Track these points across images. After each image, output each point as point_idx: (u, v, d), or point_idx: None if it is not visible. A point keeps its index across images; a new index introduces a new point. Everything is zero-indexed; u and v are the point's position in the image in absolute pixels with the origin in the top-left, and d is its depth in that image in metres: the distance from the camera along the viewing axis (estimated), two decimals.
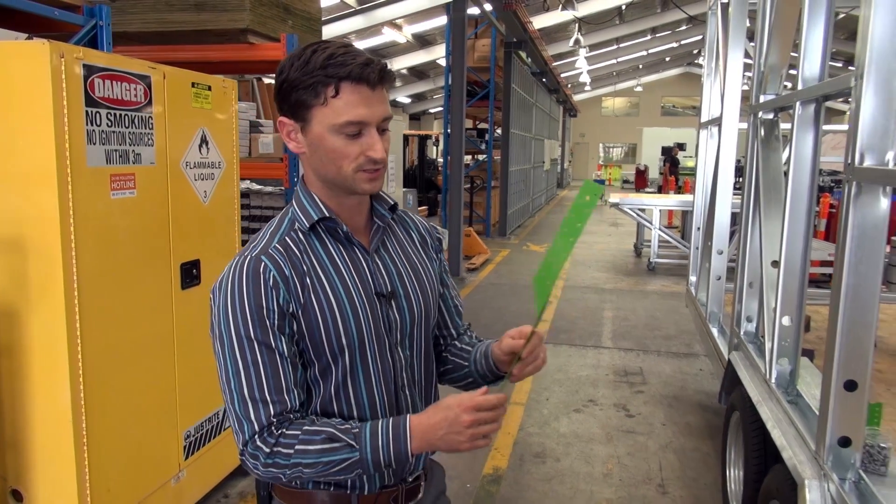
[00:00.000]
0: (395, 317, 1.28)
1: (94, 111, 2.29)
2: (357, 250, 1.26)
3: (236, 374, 1.14)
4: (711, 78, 4.87)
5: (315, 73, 1.12)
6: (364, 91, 1.13)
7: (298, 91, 1.14)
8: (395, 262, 1.31)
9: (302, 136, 1.18)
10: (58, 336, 2.22)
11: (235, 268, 1.17)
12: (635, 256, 10.82)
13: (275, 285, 1.15)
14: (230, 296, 1.15)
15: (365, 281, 1.24)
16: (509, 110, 12.42)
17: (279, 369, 1.15)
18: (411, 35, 16.72)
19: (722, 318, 4.11)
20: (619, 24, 19.57)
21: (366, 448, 1.12)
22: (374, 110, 1.14)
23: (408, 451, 1.13)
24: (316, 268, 1.21)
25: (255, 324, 1.14)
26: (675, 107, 36.26)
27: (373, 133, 1.15)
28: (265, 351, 1.14)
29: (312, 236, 1.23)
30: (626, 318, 6.94)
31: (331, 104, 1.13)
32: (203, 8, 4.72)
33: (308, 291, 1.18)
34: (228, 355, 1.15)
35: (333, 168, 1.17)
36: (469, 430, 1.10)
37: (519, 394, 4.71)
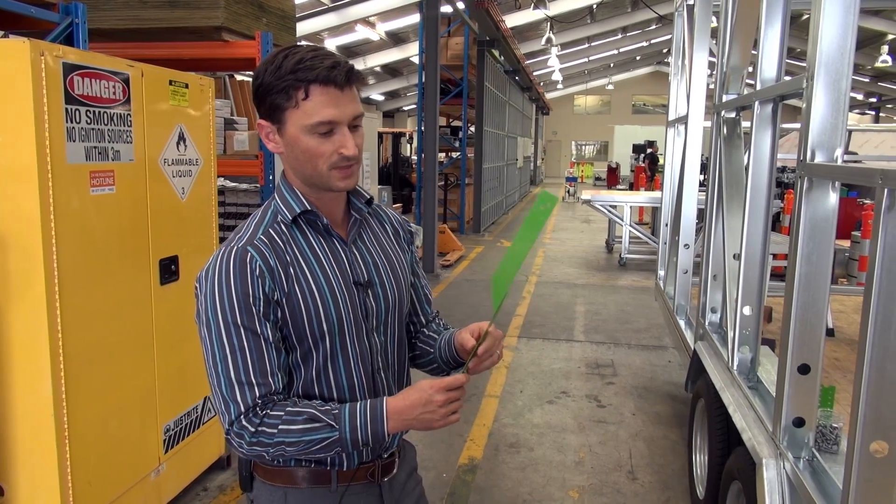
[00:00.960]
0: (372, 304, 1.35)
1: (74, 108, 2.32)
2: (336, 242, 1.33)
3: (223, 359, 1.21)
4: (678, 77, 5.00)
5: (286, 77, 1.18)
6: (333, 92, 1.19)
7: (272, 95, 1.21)
8: (372, 253, 1.38)
9: (279, 137, 1.25)
10: (39, 331, 2.25)
11: (223, 257, 1.23)
12: (607, 252, 11.00)
13: (261, 274, 1.22)
14: (217, 283, 1.21)
15: (344, 270, 1.32)
16: (482, 108, 12.52)
17: (264, 354, 1.22)
18: (384, 33, 16.73)
19: (688, 310, 4.24)
20: (591, 23, 19.83)
21: (345, 428, 1.20)
22: (344, 110, 1.21)
23: (384, 431, 1.21)
24: (298, 258, 1.28)
25: (242, 310, 1.21)
26: (646, 105, 36.75)
27: (344, 131, 1.22)
28: (251, 336, 1.21)
29: (294, 228, 1.30)
30: (597, 312, 7.08)
31: (302, 106, 1.20)
32: (177, 5, 4.73)
33: (291, 280, 1.25)
34: (216, 340, 1.21)
35: (309, 166, 1.24)
36: (442, 409, 1.20)
37: (494, 386, 4.81)
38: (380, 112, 29.19)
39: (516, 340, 5.98)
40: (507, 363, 5.34)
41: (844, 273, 7.11)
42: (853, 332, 3.71)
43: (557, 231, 13.69)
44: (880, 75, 25.19)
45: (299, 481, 1.32)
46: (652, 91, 35.66)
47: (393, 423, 1.21)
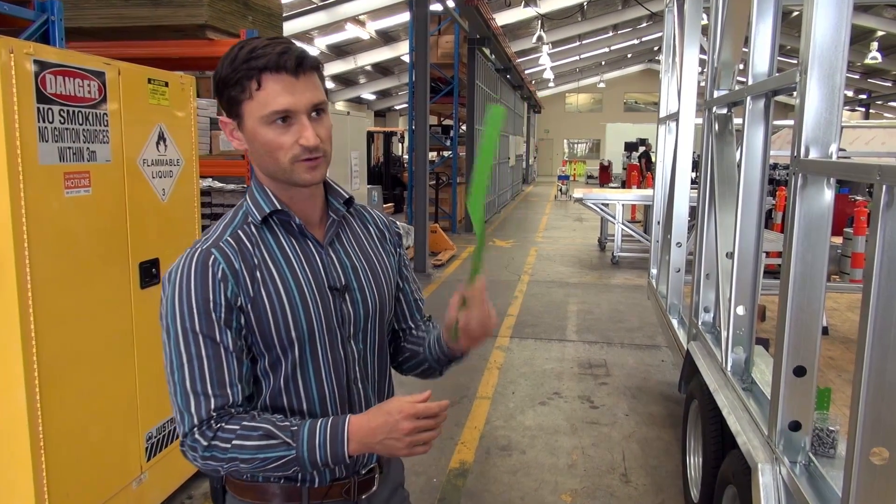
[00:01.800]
0: (349, 310, 1.28)
1: (46, 108, 2.24)
2: (310, 243, 1.26)
3: (180, 367, 1.15)
4: (669, 74, 4.95)
5: (240, 68, 1.13)
6: (286, 79, 1.13)
7: (228, 88, 1.15)
8: (350, 256, 1.31)
9: (241, 133, 1.19)
10: (11, 337, 2.18)
11: (186, 259, 1.17)
12: (599, 251, 10.96)
13: (223, 278, 1.16)
14: (178, 287, 1.15)
15: (317, 274, 1.25)
16: (473, 107, 12.46)
17: (223, 363, 1.16)
18: (375, 31, 16.65)
19: (681, 310, 4.19)
20: (581, 20, 19.81)
21: (302, 447, 1.13)
22: (299, 97, 1.14)
23: (344, 453, 1.14)
24: (267, 261, 1.21)
25: (202, 316, 1.14)
26: (638, 103, 36.77)
27: (302, 120, 1.15)
28: (209, 344, 1.15)
29: (265, 229, 1.23)
30: (590, 311, 7.03)
31: (256, 97, 1.14)
32: (160, 3, 4.65)
33: (258, 284, 1.19)
34: (173, 347, 1.15)
35: (271, 161, 1.18)
36: (407, 438, 1.12)
37: (485, 388, 4.75)
38: (371, 111, 29.10)
39: (508, 341, 5.93)
40: (499, 364, 5.28)
41: (837, 270, 7.09)
42: (847, 329, 3.67)
43: (550, 229, 13.65)
44: (870, 72, 25.28)
45: (270, 497, 1.25)
46: (644, 89, 35.70)
47: (354, 445, 1.14)
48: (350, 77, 23.04)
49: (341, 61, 19.31)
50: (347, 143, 5.21)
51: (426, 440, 1.14)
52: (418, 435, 1.13)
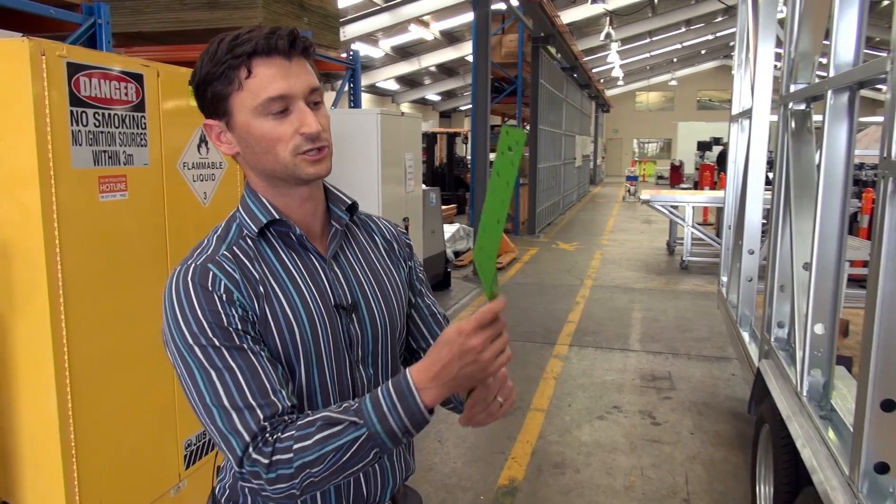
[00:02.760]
0: (356, 331, 1.14)
1: (80, 111, 2.20)
2: (313, 257, 1.12)
3: (210, 386, 0.98)
4: (742, 69, 4.63)
5: (223, 59, 1.01)
6: (279, 62, 1.02)
7: (212, 84, 1.03)
8: (356, 270, 1.17)
9: (230, 135, 1.06)
10: (42, 343, 2.14)
11: (179, 277, 1.04)
12: (668, 255, 10.52)
13: (226, 291, 1.02)
14: (179, 306, 1.02)
15: (323, 291, 1.11)
16: (537, 106, 12.21)
17: (258, 369, 1.00)
18: (439, 32, 16.59)
19: (753, 322, 3.88)
20: (652, 16, 19.19)
21: (371, 419, 0.95)
22: (296, 81, 1.02)
23: (419, 406, 0.96)
24: (268, 277, 1.07)
25: (216, 329, 1.00)
26: (712, 100, 35.47)
27: (301, 107, 1.03)
28: (236, 353, 1.00)
29: (262, 243, 1.10)
30: (655, 319, 6.71)
31: (247, 86, 1.02)
32: (216, 6, 4.68)
33: (263, 301, 1.05)
34: (195, 368, 0.99)
35: (270, 158, 1.05)
36: (485, 354, 0.94)
37: (540, 399, 4.55)
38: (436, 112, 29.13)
39: (567, 349, 5.70)
40: (555, 374, 5.06)
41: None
42: None
43: (616, 232, 13.24)
44: None
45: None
46: (718, 86, 34.39)
47: (431, 392, 0.96)
48: (414, 78, 23.09)
49: (405, 62, 19.35)
50: (402, 144, 5.10)
51: (503, 345, 0.96)
52: (493, 345, 0.95)
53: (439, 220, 7.78)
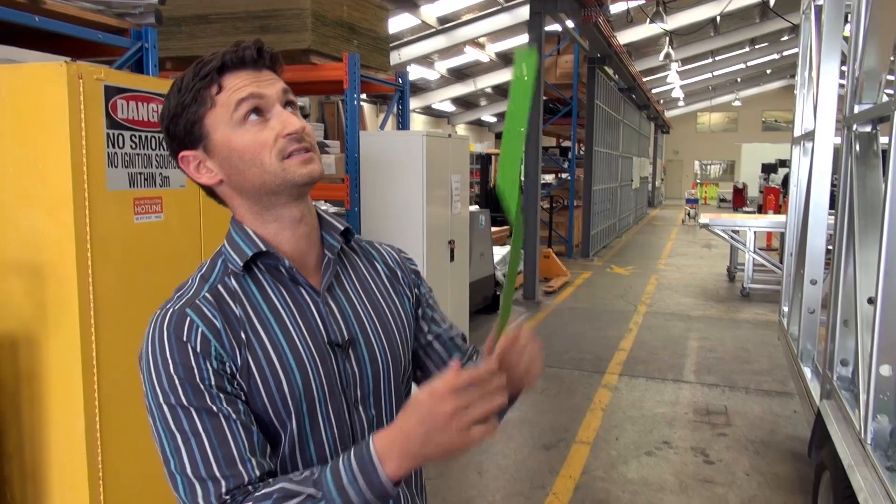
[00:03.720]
0: (354, 370, 1.05)
1: (117, 133, 2.22)
2: (304, 291, 1.04)
3: (175, 452, 0.92)
4: (805, 89, 4.41)
5: (191, 85, 0.98)
6: (248, 74, 0.98)
7: (185, 113, 0.98)
8: (353, 303, 1.08)
9: (211, 162, 1.00)
10: (73, 363, 2.15)
11: (156, 325, 0.97)
12: (728, 281, 10.12)
13: (203, 341, 0.95)
14: (152, 358, 0.95)
15: (313, 329, 1.02)
16: (592, 127, 12.03)
17: (227, 436, 0.93)
18: (494, 54, 16.61)
19: (815, 357, 3.64)
20: (714, 36, 18.76)
21: (330, 492, 0.87)
22: (267, 85, 0.98)
23: (382, 480, 0.87)
24: (251, 317, 0.99)
25: (186, 387, 0.93)
26: (778, 121, 34.36)
27: (279, 110, 0.98)
28: (205, 416, 0.93)
29: (248, 279, 1.02)
30: (712, 349, 6.41)
31: (218, 101, 0.97)
32: (267, 29, 4.75)
33: (245, 349, 0.97)
34: (162, 430, 0.93)
35: (256, 170, 0.98)
36: (456, 422, 0.83)
37: (586, 431, 4.37)
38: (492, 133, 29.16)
39: (617, 378, 5.49)
40: (603, 405, 4.87)
41: None
42: None
43: (673, 256, 12.85)
44: None
45: None
46: (784, 107, 33.27)
47: (393, 463, 0.87)
48: (470, 100, 23.18)
49: (461, 84, 19.44)
50: (449, 165, 5.05)
51: (483, 415, 0.85)
52: (468, 413, 0.84)
53: (489, 243, 7.68)
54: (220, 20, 4.83)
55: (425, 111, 21.86)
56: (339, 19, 4.90)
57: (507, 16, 12.57)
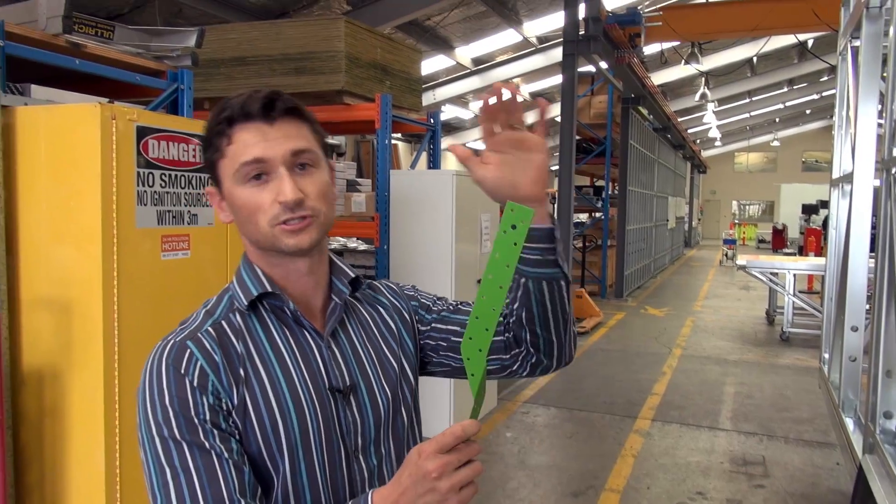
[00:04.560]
0: (355, 417, 1.03)
1: (147, 172, 2.27)
2: (308, 334, 1.03)
3: (163, 488, 0.91)
4: (843, 130, 4.32)
5: (212, 127, 0.99)
6: (257, 126, 0.97)
7: (206, 152, 1.01)
8: (356, 348, 1.07)
9: (226, 203, 1.02)
10: (96, 401, 2.17)
11: (156, 356, 0.97)
12: (767, 324, 9.84)
13: (201, 374, 0.95)
14: (149, 390, 0.95)
15: (315, 373, 1.01)
16: (626, 167, 11.97)
17: (217, 474, 0.91)
18: (528, 94, 16.74)
19: (858, 408, 3.48)
20: (751, 76, 18.64)
21: None
22: (274, 145, 0.96)
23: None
24: (252, 354, 0.99)
25: (181, 421, 0.92)
26: (819, 162, 33.80)
27: (280, 174, 0.96)
28: (197, 453, 0.92)
29: (253, 317, 1.02)
30: (750, 394, 6.20)
31: (228, 153, 0.98)
32: (303, 71, 4.87)
33: (242, 386, 0.97)
34: (153, 464, 0.92)
35: (251, 227, 0.99)
36: (443, 483, 0.83)
37: (616, 479, 4.23)
38: None
39: (649, 424, 5.33)
40: (634, 451, 4.72)
41: None
42: None
43: (710, 298, 12.58)
44: None
45: None
46: (824, 147, 32.75)
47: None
48: None
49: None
50: (478, 204, 5.05)
51: (467, 478, 0.84)
52: (453, 475, 0.83)
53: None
54: (257, 62, 4.97)
55: None
56: (372, 61, 5.00)
57: (541, 57, 12.69)
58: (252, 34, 4.96)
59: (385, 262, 4.74)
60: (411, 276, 4.70)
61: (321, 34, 4.70)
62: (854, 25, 3.88)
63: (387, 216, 4.78)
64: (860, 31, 3.57)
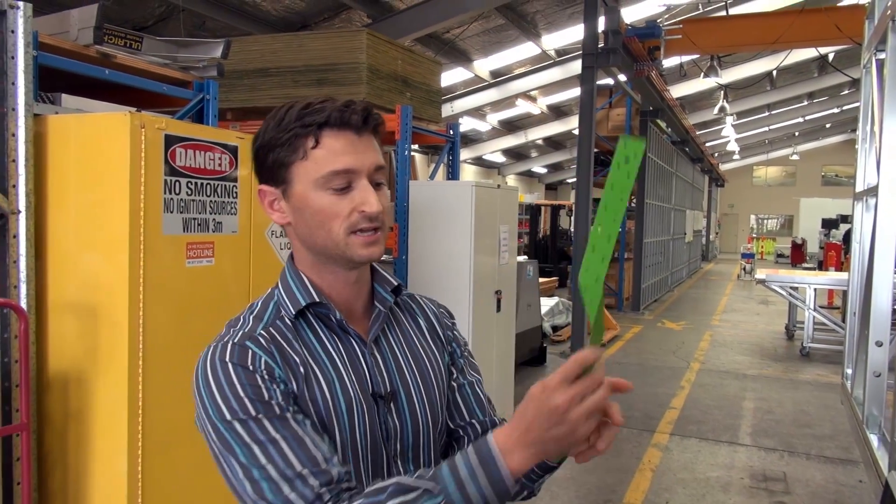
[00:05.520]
0: (395, 423, 1.05)
1: (174, 180, 2.30)
2: (353, 341, 1.05)
3: (252, 460, 0.91)
4: (867, 143, 4.29)
5: (291, 126, 0.98)
6: (348, 136, 0.98)
7: (275, 150, 1.00)
8: (397, 357, 1.09)
9: (284, 203, 1.02)
10: (119, 406, 2.19)
11: (216, 358, 0.97)
12: (787, 339, 9.73)
13: (268, 368, 0.96)
14: (217, 388, 0.95)
15: (362, 378, 1.03)
16: (644, 180, 11.93)
17: (304, 439, 0.92)
18: (546, 106, 16.77)
19: (883, 424, 3.43)
20: (770, 89, 18.54)
21: (449, 487, 0.86)
22: (363, 157, 0.98)
23: (503, 474, 0.86)
24: (308, 359, 1.00)
25: (258, 406, 0.93)
26: (839, 176, 33.46)
27: (364, 185, 0.99)
28: (278, 424, 0.93)
29: (302, 323, 1.04)
30: (770, 410, 6.13)
31: (311, 156, 0.98)
32: (325, 82, 4.92)
33: (302, 382, 0.98)
34: (237, 445, 0.92)
35: (322, 233, 1.00)
36: (573, 414, 0.83)
37: (634, 494, 4.19)
38: (542, 185, 29.24)
39: (668, 438, 5.28)
40: (653, 465, 4.67)
41: None
42: None
43: (728, 312, 12.46)
44: None
45: None
46: (844, 161, 32.43)
47: (517, 457, 0.86)
48: (521, 151, 23.35)
49: (512, 136, 19.64)
50: (497, 216, 5.05)
51: (597, 405, 0.84)
52: (581, 406, 0.83)
53: (536, 294, 7.60)
54: (280, 73, 5.02)
55: (476, 162, 22.10)
56: (393, 73, 5.03)
57: (559, 70, 12.71)
58: (275, 46, 5.02)
59: (403, 272, 4.75)
60: (429, 286, 4.70)
61: (344, 46, 4.75)
62: (879, 38, 3.86)
63: (406, 226, 4.80)
64: (885, 44, 3.54)
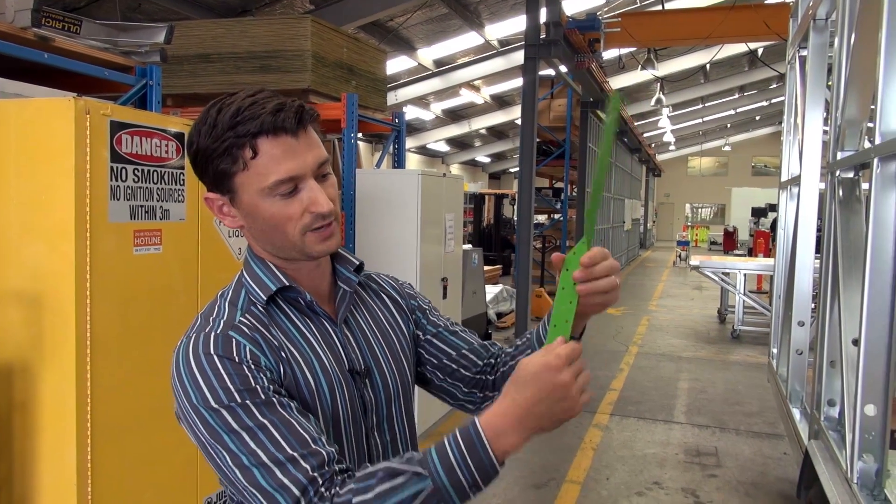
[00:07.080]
0: (371, 397, 1.11)
1: (120, 167, 2.28)
2: (324, 322, 1.09)
3: (242, 446, 0.92)
4: (791, 136, 4.54)
5: (225, 136, 0.97)
6: (286, 141, 0.98)
7: (213, 161, 0.99)
8: (366, 334, 1.14)
9: (234, 209, 1.04)
10: (67, 395, 2.16)
11: (199, 350, 0.98)
12: (719, 323, 10.17)
13: (253, 356, 0.98)
14: (203, 379, 0.95)
15: (338, 356, 1.08)
16: (585, 169, 12.21)
17: (291, 421, 0.94)
18: (489, 96, 16.92)
19: (804, 398, 3.67)
20: (704, 83, 19.18)
21: (437, 471, 0.88)
22: (304, 159, 0.99)
23: (491, 459, 0.89)
24: (286, 343, 1.03)
25: (245, 394, 0.94)
26: (767, 166, 34.91)
27: (311, 185, 1.00)
28: (265, 409, 0.94)
29: (274, 309, 1.06)
30: (703, 390, 6.43)
31: (252, 167, 0.98)
32: (268, 70, 4.87)
33: (285, 366, 1.01)
34: (224, 432, 0.93)
35: (278, 235, 1.02)
36: (574, 390, 0.92)
37: (576, 471, 4.36)
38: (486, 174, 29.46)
39: (608, 418, 5.48)
40: (594, 444, 4.86)
41: None
42: None
43: (665, 298, 12.92)
44: None
45: None
46: (773, 152, 33.83)
47: (510, 438, 0.91)
48: (465, 140, 23.49)
49: (456, 125, 19.74)
50: (443, 204, 5.12)
51: (587, 382, 0.95)
52: (578, 381, 0.93)
53: (481, 281, 7.73)
54: (222, 59, 4.94)
55: (420, 151, 22.11)
56: (338, 61, 5.02)
57: (502, 60, 12.85)
58: (216, 31, 4.94)
59: None
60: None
61: (287, 33, 4.71)
62: (802, 36, 4.09)
63: (353, 215, 4.82)
64: (807, 42, 3.77)
